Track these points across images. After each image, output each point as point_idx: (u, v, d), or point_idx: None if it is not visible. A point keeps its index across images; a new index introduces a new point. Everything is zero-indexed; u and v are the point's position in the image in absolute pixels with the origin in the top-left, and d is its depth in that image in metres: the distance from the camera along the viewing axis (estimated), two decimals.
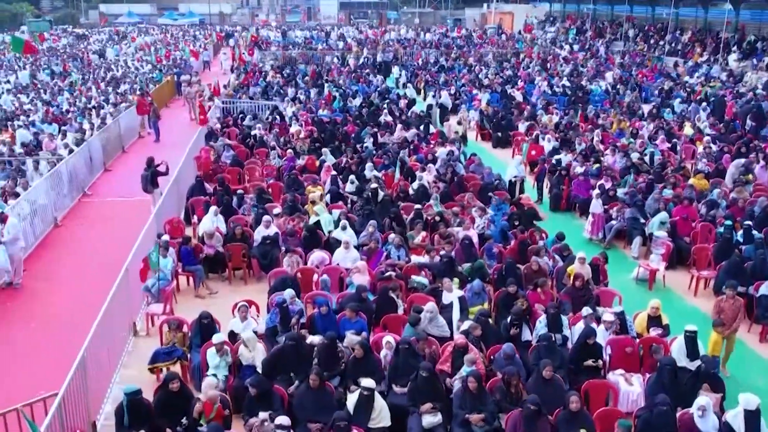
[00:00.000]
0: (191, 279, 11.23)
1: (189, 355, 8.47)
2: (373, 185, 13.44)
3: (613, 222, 13.12)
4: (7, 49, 44.83)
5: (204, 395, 7.00)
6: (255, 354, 8.00)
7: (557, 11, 57.97)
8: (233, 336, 8.59)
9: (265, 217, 11.80)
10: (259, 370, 7.80)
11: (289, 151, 16.50)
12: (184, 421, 6.90)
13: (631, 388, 7.86)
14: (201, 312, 8.65)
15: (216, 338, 8.04)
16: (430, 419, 7.09)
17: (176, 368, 8.39)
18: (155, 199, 14.25)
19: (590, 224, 13.32)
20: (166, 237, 11.03)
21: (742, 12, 36.87)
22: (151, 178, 14.32)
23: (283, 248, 11.04)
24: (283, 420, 6.32)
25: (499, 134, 20.73)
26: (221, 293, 11.17)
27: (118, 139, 20.38)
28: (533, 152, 17.86)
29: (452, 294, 9.11)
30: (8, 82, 29.45)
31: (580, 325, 8.68)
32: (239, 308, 8.74)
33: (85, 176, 16.81)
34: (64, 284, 11.70)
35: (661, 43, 41.18)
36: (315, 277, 10.31)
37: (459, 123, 20.85)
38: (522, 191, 14.76)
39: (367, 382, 7.00)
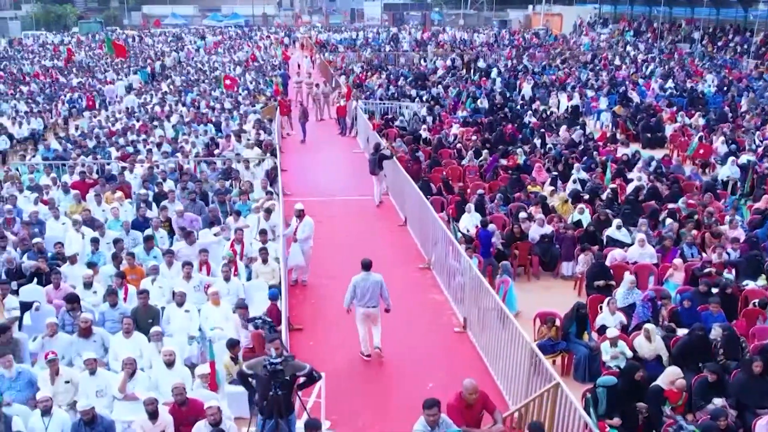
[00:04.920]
0: None
1: (570, 347, 8.81)
2: (612, 186, 13.80)
3: None
4: (74, 49, 45.07)
5: (666, 384, 7.33)
6: (655, 345, 8.34)
7: (607, 12, 58.34)
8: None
9: (539, 216, 12.15)
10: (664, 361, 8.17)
11: (485, 151, 16.84)
12: (642, 406, 7.24)
13: None
14: (576, 303, 9.00)
15: (610, 333, 8.38)
16: None
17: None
18: (381, 180, 15.38)
19: None
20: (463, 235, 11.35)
21: None
22: (378, 161, 15.14)
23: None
24: None
25: (649, 135, 21.08)
26: None
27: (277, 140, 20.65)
28: (701, 151, 18.27)
29: None
30: (122, 79, 29.66)
31: None
32: (608, 302, 9.08)
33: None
34: (344, 281, 11.93)
35: (731, 45, 41.69)
36: (626, 273, 10.64)
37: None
38: (734, 191, 15.14)
39: None
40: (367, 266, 9.16)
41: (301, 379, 5.95)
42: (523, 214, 12.76)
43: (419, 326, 10.29)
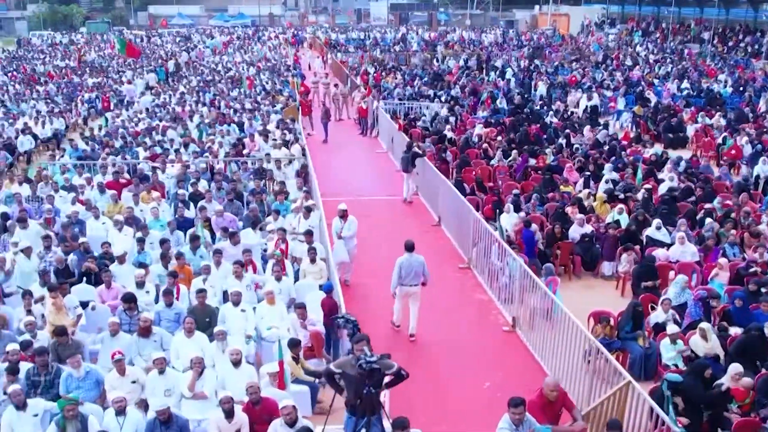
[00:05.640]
0: None
1: (625, 346, 8.86)
2: (647, 186, 13.87)
3: None
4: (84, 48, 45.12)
5: (730, 381, 7.39)
6: (711, 344, 8.40)
7: (615, 12, 58.37)
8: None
9: (579, 216, 12.21)
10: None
11: (514, 151, 16.90)
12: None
13: None
14: (632, 302, 9.07)
15: (670, 329, 8.45)
16: None
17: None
18: (412, 177, 15.70)
19: None
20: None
21: None
22: (411, 159, 15.39)
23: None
24: None
25: (671, 135, 21.12)
26: None
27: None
28: (733, 151, 18.33)
29: None
30: (142, 76, 29.73)
31: None
32: (663, 302, 9.15)
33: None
34: (384, 281, 11.96)
35: (741, 45, 41.79)
36: (672, 274, 10.70)
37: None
38: (765, 191, 15.21)
39: None
40: (410, 248, 9.80)
41: (388, 378, 5.99)
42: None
43: (467, 326, 10.35)
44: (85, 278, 10.21)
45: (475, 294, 11.38)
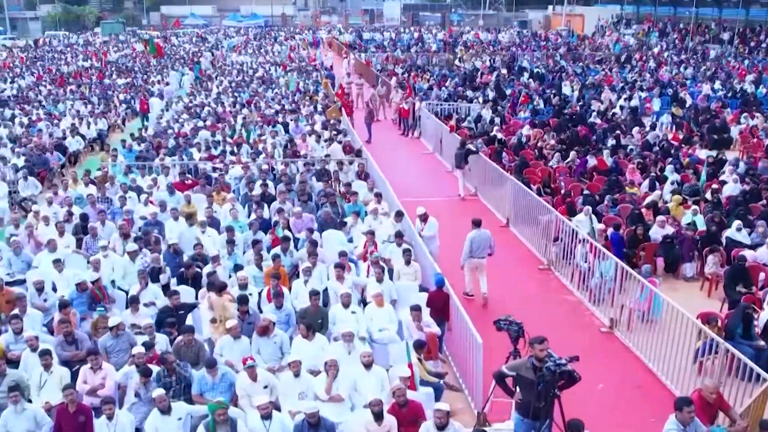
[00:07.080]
0: None
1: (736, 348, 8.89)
2: (714, 187, 13.93)
3: None
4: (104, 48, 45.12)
5: None
6: None
7: (630, 13, 58.40)
8: None
9: (660, 217, 12.26)
10: None
11: (572, 152, 16.93)
12: None
13: None
14: (742, 303, 9.12)
15: None
16: None
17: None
18: (465, 173, 16.29)
19: None
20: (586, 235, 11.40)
21: None
22: (464, 156, 15.94)
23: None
24: None
25: (715, 136, 21.15)
26: None
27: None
28: None
29: None
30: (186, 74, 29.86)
31: None
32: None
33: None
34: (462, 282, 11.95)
35: (763, 45, 41.89)
36: (762, 275, 10.76)
37: None
38: None
39: None
40: (478, 223, 11.00)
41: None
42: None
43: (563, 328, 10.32)
44: (179, 280, 10.23)
45: (561, 295, 11.42)
